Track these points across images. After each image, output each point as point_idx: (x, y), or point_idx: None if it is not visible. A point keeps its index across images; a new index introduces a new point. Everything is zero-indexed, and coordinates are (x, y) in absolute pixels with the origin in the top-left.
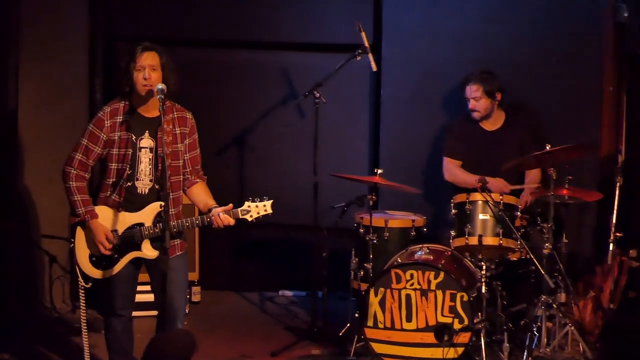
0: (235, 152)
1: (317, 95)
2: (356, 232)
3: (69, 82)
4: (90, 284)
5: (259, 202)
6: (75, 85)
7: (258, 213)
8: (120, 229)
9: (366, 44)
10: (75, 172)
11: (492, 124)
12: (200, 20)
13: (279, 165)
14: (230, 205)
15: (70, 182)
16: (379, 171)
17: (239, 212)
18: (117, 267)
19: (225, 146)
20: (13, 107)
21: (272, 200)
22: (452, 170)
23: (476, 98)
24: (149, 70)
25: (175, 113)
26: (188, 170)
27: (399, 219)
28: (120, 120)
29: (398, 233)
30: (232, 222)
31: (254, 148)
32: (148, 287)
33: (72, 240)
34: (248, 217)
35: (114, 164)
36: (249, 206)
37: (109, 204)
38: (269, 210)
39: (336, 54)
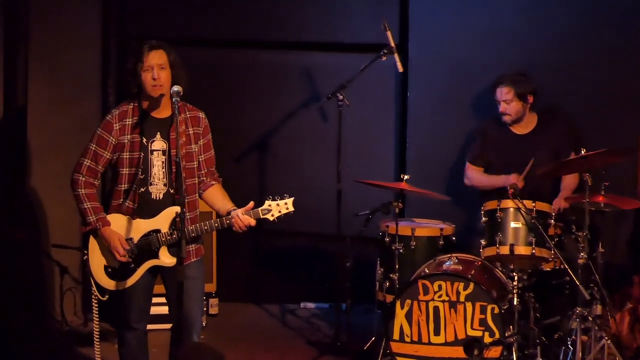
0: (255, 157)
1: (341, 97)
2: (381, 241)
3: (81, 83)
4: (107, 296)
5: (280, 200)
6: (87, 87)
7: (280, 212)
8: (136, 237)
9: (392, 44)
10: (84, 178)
11: (523, 128)
12: (219, 20)
13: (300, 171)
14: (252, 203)
15: (79, 190)
16: (406, 177)
17: (260, 211)
18: (134, 278)
19: (245, 151)
20: (22, 109)
21: (293, 198)
22: (470, 174)
23: (507, 101)
24: (157, 69)
25: (187, 113)
26: (203, 172)
27: (427, 228)
28: (130, 122)
29: (425, 242)
30: (253, 222)
31: (274, 153)
32: (162, 299)
33: (86, 252)
34: (269, 217)
35: (125, 169)
36: (269, 205)
37: (122, 211)
38: (291, 208)
39: (360, 54)
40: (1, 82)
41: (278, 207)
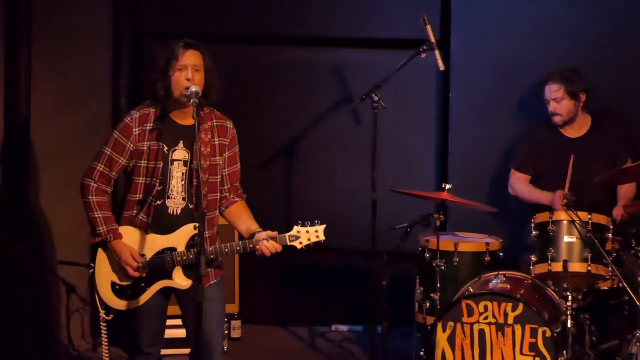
0: (281, 165)
1: (376, 98)
2: (421, 257)
3: (89, 84)
4: (112, 315)
5: (310, 226)
6: (96, 88)
7: (309, 239)
8: (149, 254)
9: (432, 39)
10: (95, 185)
11: (576, 130)
12: (240, 14)
13: (331, 180)
14: (275, 232)
15: (90, 197)
16: (447, 186)
17: (287, 238)
18: (144, 297)
19: (270, 158)
20: (25, 113)
21: (324, 225)
22: (515, 183)
23: (557, 99)
24: (191, 70)
25: (214, 121)
26: (226, 187)
27: (471, 242)
28: (151, 127)
29: (470, 258)
30: (279, 249)
31: (302, 160)
32: (179, 321)
33: (92, 264)
34: (297, 244)
35: (141, 178)
36: (298, 231)
37: (135, 224)
38: (322, 237)
39: (397, 51)
40: (1, 82)
41: (307, 235)
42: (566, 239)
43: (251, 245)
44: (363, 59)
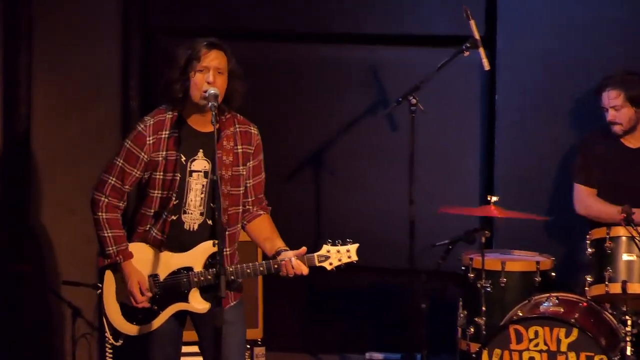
0: (308, 176)
1: (414, 101)
2: (464, 278)
3: (96, 85)
4: (121, 341)
5: (341, 245)
6: (103, 89)
7: (339, 260)
8: (163, 274)
9: (476, 36)
10: (106, 200)
11: (638, 140)
12: (262, 8)
13: (364, 192)
14: (304, 249)
15: (100, 213)
16: (494, 199)
17: (315, 258)
18: (157, 322)
19: (295, 168)
20: (25, 117)
21: (357, 245)
22: (586, 200)
23: (616, 107)
24: (214, 72)
25: (237, 126)
26: (250, 200)
27: (520, 261)
28: (167, 135)
29: (518, 278)
30: (305, 271)
31: (331, 170)
32: (195, 348)
33: (100, 285)
34: (327, 265)
35: (156, 191)
36: (327, 251)
37: (148, 240)
38: (354, 257)
39: (437, 49)
40: (1, 84)
41: (338, 255)
42: (625, 257)
43: (276, 266)
44: (399, 58)
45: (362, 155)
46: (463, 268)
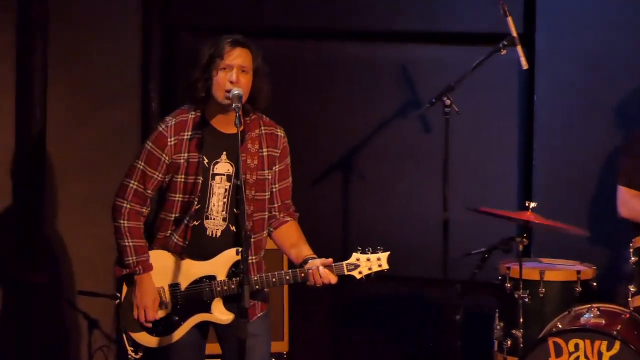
0: (336, 180)
1: (448, 102)
2: (501, 288)
3: (115, 86)
4: (141, 354)
5: (371, 253)
6: (122, 91)
7: (370, 269)
8: (184, 283)
9: (514, 33)
10: (128, 206)
11: None
12: (289, 5)
13: (395, 197)
14: (330, 259)
15: (121, 221)
16: (532, 205)
17: (345, 266)
18: (178, 334)
19: (323, 172)
20: (40, 121)
21: (388, 252)
22: (630, 202)
23: None
24: (237, 71)
25: (262, 128)
26: (276, 205)
27: (560, 270)
28: (189, 136)
29: (558, 289)
30: (334, 280)
31: (361, 174)
32: None
33: (119, 295)
34: (356, 274)
35: (177, 195)
36: (357, 259)
37: (169, 247)
38: (385, 266)
39: (472, 47)
40: (13, 84)
41: (368, 263)
42: None
43: (303, 275)
44: (432, 57)
45: (393, 158)
46: (500, 278)
